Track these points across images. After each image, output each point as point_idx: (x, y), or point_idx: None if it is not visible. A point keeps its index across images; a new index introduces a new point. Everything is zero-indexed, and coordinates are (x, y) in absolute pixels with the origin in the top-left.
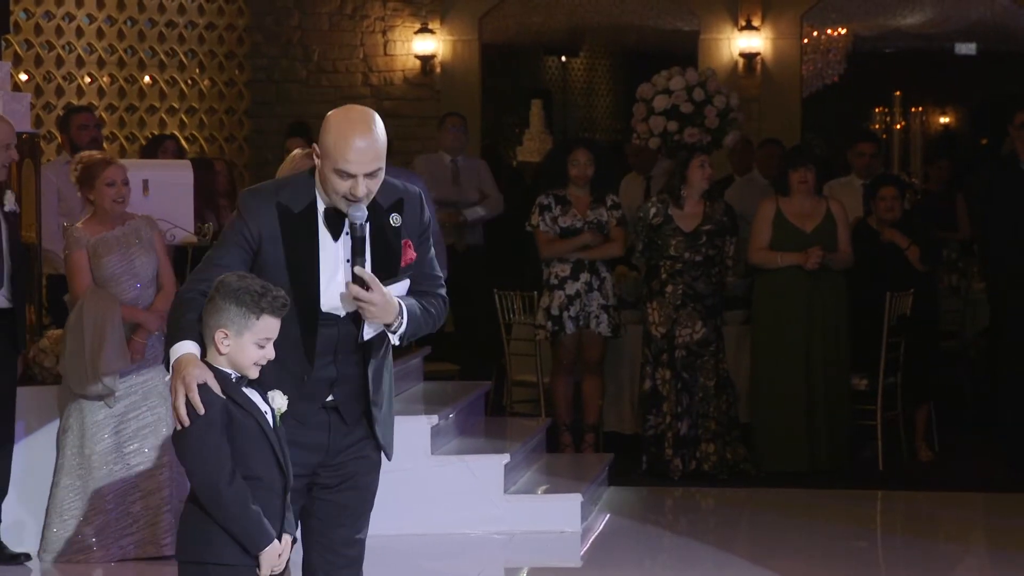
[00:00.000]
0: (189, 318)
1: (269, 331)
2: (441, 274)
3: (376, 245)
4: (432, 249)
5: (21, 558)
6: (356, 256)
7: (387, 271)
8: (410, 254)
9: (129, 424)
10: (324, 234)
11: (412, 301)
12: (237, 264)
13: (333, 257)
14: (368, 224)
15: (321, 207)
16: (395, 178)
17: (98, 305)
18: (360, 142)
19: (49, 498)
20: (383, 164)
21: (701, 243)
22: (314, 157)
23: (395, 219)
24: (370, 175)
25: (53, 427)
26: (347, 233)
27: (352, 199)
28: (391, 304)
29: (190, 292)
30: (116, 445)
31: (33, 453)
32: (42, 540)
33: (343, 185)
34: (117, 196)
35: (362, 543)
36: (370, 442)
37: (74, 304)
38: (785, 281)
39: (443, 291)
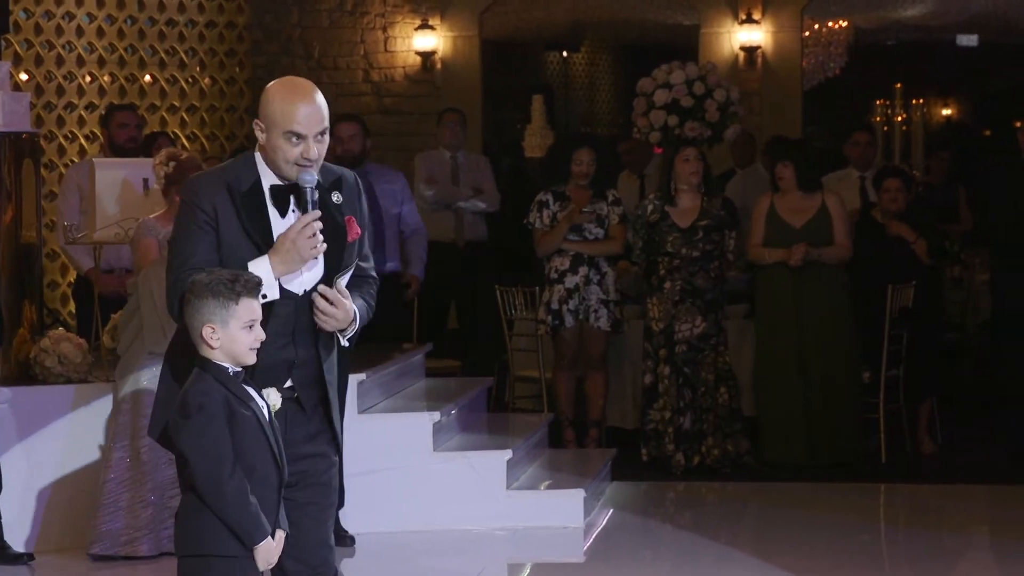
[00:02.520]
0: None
1: (252, 312)
2: (370, 253)
3: (323, 222)
4: (365, 231)
5: (24, 558)
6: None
7: (336, 248)
8: (355, 229)
9: None
10: (272, 211)
11: (360, 302)
12: (208, 251)
13: (285, 220)
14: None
15: (267, 184)
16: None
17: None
18: (307, 105)
19: (98, 490)
20: (328, 127)
21: (698, 239)
22: (257, 132)
23: (336, 196)
24: (319, 137)
25: (52, 427)
26: (294, 211)
27: (305, 163)
28: (349, 315)
29: (187, 276)
30: None
31: (34, 453)
32: (91, 533)
33: (294, 151)
34: None
35: (332, 550)
36: (326, 436)
37: (135, 278)
38: (775, 277)
39: (374, 271)
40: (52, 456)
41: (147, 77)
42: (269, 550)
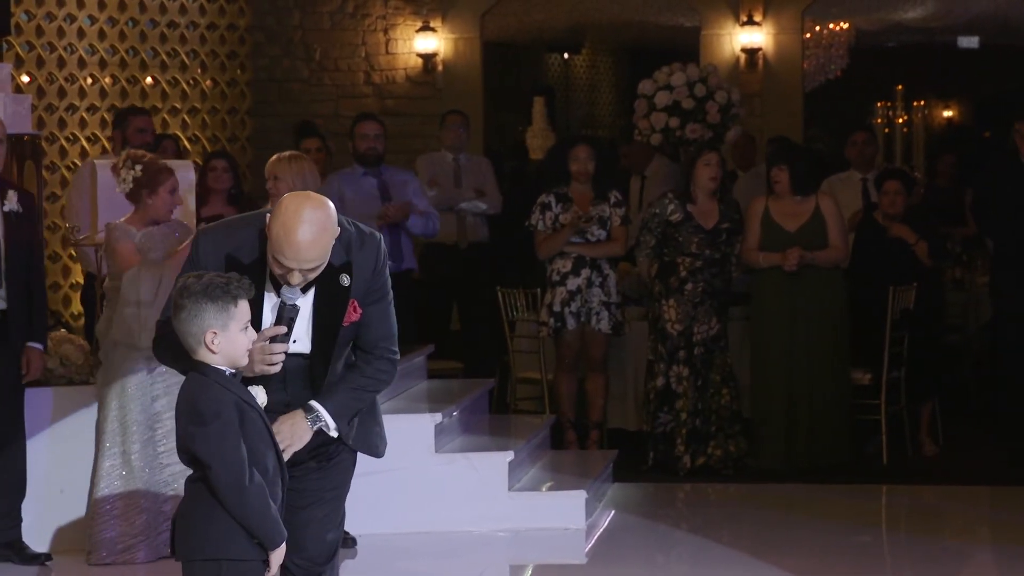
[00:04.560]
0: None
1: (247, 315)
2: (394, 329)
3: (320, 303)
4: (389, 300)
5: (42, 558)
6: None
7: (327, 331)
8: (353, 315)
9: (164, 423)
10: (269, 287)
11: (338, 396)
12: None
13: (274, 306)
14: (312, 291)
15: (269, 265)
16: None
17: (155, 269)
18: (302, 243)
19: (89, 499)
20: (325, 262)
21: (721, 241)
22: (266, 229)
23: (344, 279)
24: (307, 272)
25: (54, 429)
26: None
27: (285, 283)
28: (297, 431)
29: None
30: (152, 444)
31: (37, 455)
32: (87, 542)
33: (278, 270)
34: (174, 204)
35: (331, 546)
36: (334, 441)
37: (115, 281)
38: (769, 281)
39: (392, 350)
40: (55, 457)
41: (148, 79)
42: (283, 552)
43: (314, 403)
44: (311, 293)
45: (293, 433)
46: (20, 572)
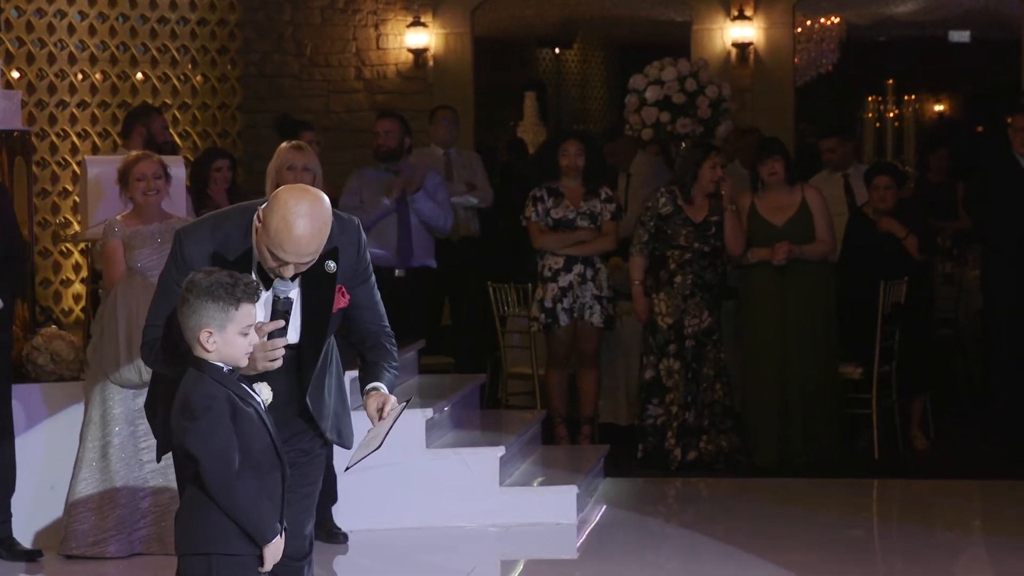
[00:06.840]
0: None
1: (249, 318)
2: (383, 307)
3: (307, 291)
4: (374, 280)
5: (33, 555)
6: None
7: (318, 319)
8: (342, 301)
9: (145, 420)
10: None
11: (386, 375)
12: None
13: (262, 303)
14: (298, 281)
15: (255, 258)
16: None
17: (132, 292)
18: (303, 237)
19: (68, 491)
20: (320, 251)
21: (710, 234)
22: (256, 221)
23: (330, 266)
24: (302, 264)
25: (45, 425)
26: (277, 281)
27: (278, 276)
28: (389, 399)
29: (155, 340)
30: (132, 440)
31: (27, 451)
32: (61, 532)
33: (272, 263)
34: (147, 189)
35: (308, 540)
36: (309, 433)
37: (107, 291)
38: (758, 276)
39: (390, 329)
40: (45, 454)
41: (139, 75)
42: (278, 547)
43: (378, 384)
44: (297, 282)
45: (384, 400)
46: (10, 569)
